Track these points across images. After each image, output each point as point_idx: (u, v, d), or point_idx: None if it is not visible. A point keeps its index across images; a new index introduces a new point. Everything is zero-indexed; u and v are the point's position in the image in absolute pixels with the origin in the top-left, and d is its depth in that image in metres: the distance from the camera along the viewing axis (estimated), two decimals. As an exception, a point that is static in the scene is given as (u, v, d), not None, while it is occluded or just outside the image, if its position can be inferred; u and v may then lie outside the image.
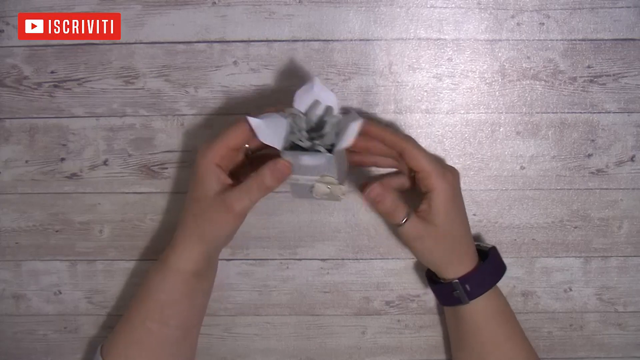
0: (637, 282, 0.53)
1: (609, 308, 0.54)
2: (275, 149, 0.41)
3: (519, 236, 0.53)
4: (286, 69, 0.50)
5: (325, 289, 0.54)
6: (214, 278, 0.49)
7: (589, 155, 0.51)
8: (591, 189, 0.51)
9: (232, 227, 0.44)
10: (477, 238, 0.53)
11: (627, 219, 0.52)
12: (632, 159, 0.51)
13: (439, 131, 0.51)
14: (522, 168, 0.51)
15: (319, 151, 0.41)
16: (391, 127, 0.49)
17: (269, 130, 0.41)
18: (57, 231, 0.53)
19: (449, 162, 0.51)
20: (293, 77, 0.50)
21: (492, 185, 0.52)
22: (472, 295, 0.45)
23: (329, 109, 0.43)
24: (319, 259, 0.53)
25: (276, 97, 0.50)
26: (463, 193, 0.52)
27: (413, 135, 0.50)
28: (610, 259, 0.53)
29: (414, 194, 0.47)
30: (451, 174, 0.45)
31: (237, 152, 0.44)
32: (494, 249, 0.49)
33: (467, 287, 0.45)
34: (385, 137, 0.44)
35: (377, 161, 0.47)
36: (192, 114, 0.51)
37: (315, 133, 0.42)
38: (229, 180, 0.43)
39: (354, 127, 0.40)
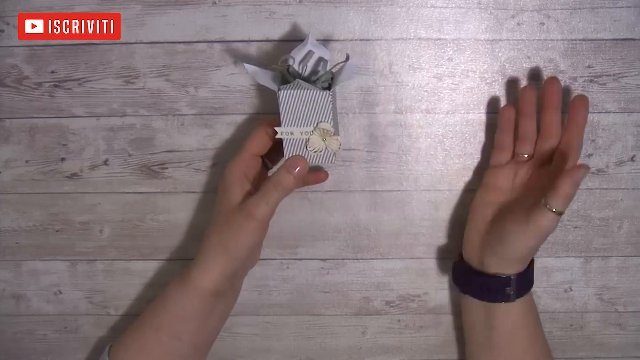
0: (637, 282, 0.53)
1: (609, 308, 0.54)
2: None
3: (519, 236, 0.52)
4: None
5: (325, 289, 0.54)
6: (234, 303, 0.49)
7: (589, 155, 0.51)
8: (591, 189, 0.51)
9: (255, 236, 0.44)
10: None
11: (627, 219, 0.52)
12: (632, 159, 0.51)
13: (439, 131, 0.51)
14: (522, 168, 0.51)
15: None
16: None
17: (265, 76, 0.42)
18: (57, 231, 0.53)
19: (449, 162, 0.51)
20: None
21: (492, 185, 0.52)
22: (519, 294, 0.45)
23: (322, 60, 0.43)
24: (319, 259, 0.53)
25: (276, 98, 0.50)
26: (463, 193, 0.52)
27: (413, 135, 0.51)
28: (610, 259, 0.53)
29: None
30: None
31: (259, 159, 0.45)
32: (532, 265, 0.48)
33: (516, 285, 0.45)
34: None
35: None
36: (192, 114, 0.51)
37: (310, 77, 0.43)
38: (252, 189, 0.44)
39: (352, 64, 0.42)
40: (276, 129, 0.43)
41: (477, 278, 0.47)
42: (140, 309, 0.54)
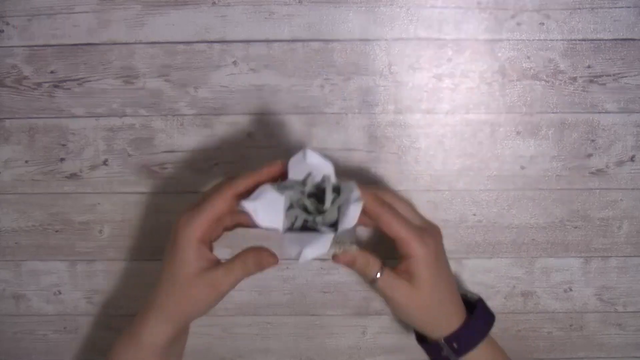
0: (637, 282, 0.53)
1: (609, 308, 0.54)
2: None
3: (519, 236, 0.53)
4: (286, 69, 0.50)
5: (325, 289, 0.54)
6: (185, 343, 0.47)
7: (589, 155, 0.51)
8: (591, 189, 0.51)
9: (215, 303, 0.42)
10: (461, 284, 0.52)
11: (627, 219, 0.52)
12: (632, 159, 0.51)
13: (439, 131, 0.51)
14: (522, 168, 0.51)
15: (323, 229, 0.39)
16: (370, 189, 0.44)
17: (266, 212, 0.39)
18: (57, 231, 0.53)
19: (449, 162, 0.51)
20: (293, 77, 0.50)
21: (492, 185, 0.52)
22: (460, 352, 0.43)
23: (325, 178, 0.40)
24: (319, 259, 0.53)
25: (276, 98, 0.50)
26: (463, 194, 0.52)
27: (413, 135, 0.51)
28: (610, 259, 0.53)
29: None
30: (431, 238, 0.43)
31: (221, 224, 0.42)
32: (480, 302, 0.46)
33: (455, 345, 0.43)
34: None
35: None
36: (192, 114, 0.51)
37: (315, 205, 0.40)
38: (213, 256, 0.42)
39: (355, 209, 0.38)
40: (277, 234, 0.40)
41: (420, 343, 0.47)
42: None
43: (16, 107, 0.51)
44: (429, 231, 0.43)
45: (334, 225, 0.40)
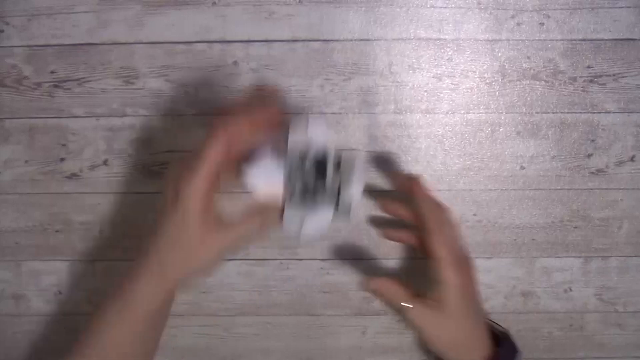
0: (637, 282, 0.53)
1: (609, 308, 0.54)
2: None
3: (519, 236, 0.53)
4: (286, 69, 0.50)
5: (325, 289, 0.54)
6: (171, 307, 0.44)
7: (589, 155, 0.51)
8: (591, 189, 0.51)
9: (219, 263, 0.41)
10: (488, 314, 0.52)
11: (627, 219, 0.52)
12: (632, 159, 0.51)
13: (439, 131, 0.51)
14: (522, 168, 0.51)
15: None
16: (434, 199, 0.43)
17: (266, 181, 0.39)
18: (57, 231, 0.53)
19: (449, 162, 0.51)
20: (293, 77, 0.50)
21: (492, 185, 0.52)
22: None
23: (327, 151, 0.40)
24: (319, 259, 0.53)
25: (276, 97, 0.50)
26: (463, 194, 0.52)
27: (413, 135, 0.51)
28: (610, 259, 0.53)
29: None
30: (467, 268, 0.42)
31: (219, 173, 0.39)
32: (508, 336, 0.45)
33: None
34: (407, 212, 0.42)
35: (401, 238, 0.46)
36: (192, 114, 0.51)
37: (315, 176, 0.40)
38: (218, 213, 0.39)
39: (358, 188, 0.38)
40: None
41: None
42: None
43: (16, 107, 0.51)
44: (466, 261, 0.43)
45: (334, 198, 0.39)
